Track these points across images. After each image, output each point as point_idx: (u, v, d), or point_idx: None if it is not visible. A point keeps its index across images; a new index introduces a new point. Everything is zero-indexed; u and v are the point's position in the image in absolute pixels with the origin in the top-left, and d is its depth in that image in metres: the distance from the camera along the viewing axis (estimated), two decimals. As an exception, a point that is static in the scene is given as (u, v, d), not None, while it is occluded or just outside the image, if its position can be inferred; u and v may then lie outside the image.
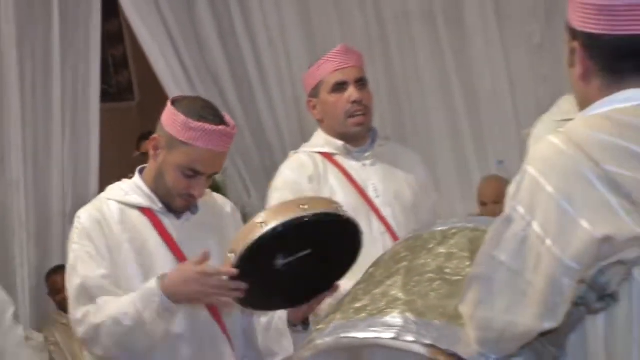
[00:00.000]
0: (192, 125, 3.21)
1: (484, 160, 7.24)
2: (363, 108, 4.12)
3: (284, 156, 4.74)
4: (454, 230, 2.61)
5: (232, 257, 3.04)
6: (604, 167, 1.88)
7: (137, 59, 8.02)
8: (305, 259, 3.12)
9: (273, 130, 7.93)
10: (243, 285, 3.01)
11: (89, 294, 3.20)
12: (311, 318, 3.46)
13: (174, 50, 7.14)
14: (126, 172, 3.72)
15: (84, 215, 3.34)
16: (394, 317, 2.26)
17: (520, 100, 6.70)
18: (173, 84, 7.11)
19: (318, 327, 2.55)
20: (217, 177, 6.42)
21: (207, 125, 3.22)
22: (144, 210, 3.37)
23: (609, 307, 1.90)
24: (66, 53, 6.74)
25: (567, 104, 4.23)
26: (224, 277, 3.03)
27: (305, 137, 7.47)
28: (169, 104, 3.36)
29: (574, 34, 2.09)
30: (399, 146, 4.56)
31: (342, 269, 3.25)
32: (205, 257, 3.10)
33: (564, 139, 1.98)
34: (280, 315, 3.44)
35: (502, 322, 1.97)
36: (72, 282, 3.26)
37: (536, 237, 1.90)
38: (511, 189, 2.04)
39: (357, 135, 4.18)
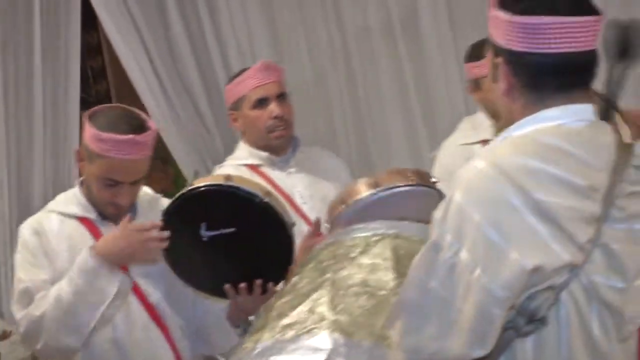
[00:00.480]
0: (102, 137, 3.28)
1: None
2: (284, 122, 4.29)
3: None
4: (375, 238, 2.59)
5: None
6: (531, 194, 1.96)
7: (115, 70, 8.12)
8: (232, 244, 3.26)
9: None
10: (166, 233, 3.15)
11: (31, 297, 3.29)
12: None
13: (149, 61, 7.24)
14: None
15: (25, 228, 3.46)
16: (323, 339, 2.25)
17: (472, 107, 6.43)
18: (148, 93, 7.19)
19: (245, 345, 2.51)
20: (191, 180, 6.62)
21: (115, 136, 3.28)
22: (81, 219, 3.46)
23: (537, 331, 2.02)
24: (47, 63, 6.86)
25: (468, 126, 4.66)
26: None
27: None
28: (86, 117, 3.45)
29: (497, 50, 2.20)
30: (320, 150, 4.72)
31: (277, 270, 3.32)
32: (130, 218, 3.32)
33: (490, 164, 2.04)
34: (219, 316, 3.55)
35: (431, 349, 2.03)
36: (16, 288, 3.36)
37: (465, 266, 1.97)
38: (437, 214, 2.11)
39: (279, 147, 4.34)
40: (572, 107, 2.12)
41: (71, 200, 3.49)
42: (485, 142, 4.53)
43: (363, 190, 2.94)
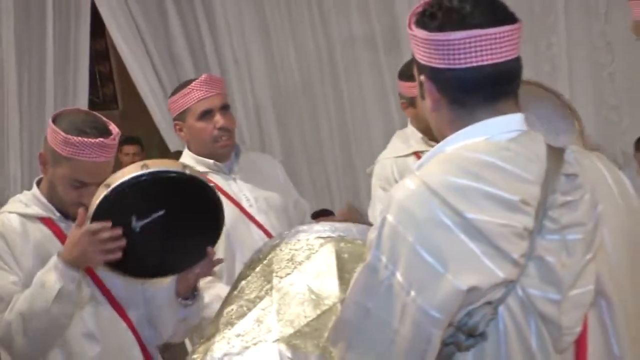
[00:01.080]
0: (71, 140, 3.19)
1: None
2: (228, 133, 4.26)
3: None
4: (320, 241, 2.52)
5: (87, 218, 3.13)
6: (462, 214, 1.87)
7: (121, 74, 8.36)
8: (165, 223, 3.21)
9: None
10: (119, 231, 3.06)
11: (4, 300, 3.20)
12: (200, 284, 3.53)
13: (152, 66, 7.51)
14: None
15: None
16: (270, 351, 2.25)
17: None
18: (150, 95, 7.46)
19: (194, 355, 2.48)
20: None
21: (85, 139, 3.20)
22: (44, 220, 3.37)
23: (477, 345, 1.92)
24: (59, 67, 7.00)
25: (399, 141, 4.71)
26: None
27: (265, 144, 7.96)
28: (50, 121, 3.35)
29: (420, 68, 2.09)
30: (255, 154, 4.79)
31: (212, 234, 3.36)
32: (82, 216, 3.13)
33: (420, 183, 1.93)
34: (168, 296, 3.48)
35: None
36: None
37: (400, 288, 1.88)
38: (371, 234, 2.01)
39: (223, 155, 4.30)
40: (499, 120, 2.03)
41: (31, 201, 3.40)
42: (417, 153, 4.58)
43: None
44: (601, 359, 1.98)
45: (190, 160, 4.19)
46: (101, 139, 3.21)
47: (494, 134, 1.99)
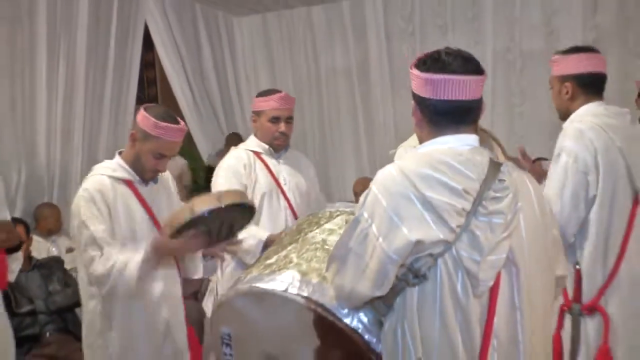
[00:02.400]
0: (160, 125, 3.25)
1: (374, 167, 6.77)
2: (285, 136, 4.26)
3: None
4: (338, 213, 2.64)
5: (174, 227, 3.10)
6: (422, 192, 2.00)
7: (162, 80, 8.31)
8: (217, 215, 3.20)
9: (245, 134, 7.51)
10: (206, 239, 3.17)
11: (95, 243, 3.18)
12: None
13: (185, 77, 7.58)
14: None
15: (90, 186, 3.31)
16: (287, 275, 2.32)
17: (402, 130, 6.67)
18: (183, 99, 7.59)
19: (241, 276, 2.55)
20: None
21: (170, 125, 3.27)
22: (127, 181, 3.36)
23: (421, 283, 2.03)
24: (117, 71, 6.92)
25: (413, 139, 4.27)
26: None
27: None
28: (142, 109, 3.36)
29: (413, 95, 2.19)
30: (300, 154, 4.70)
31: (240, 228, 3.37)
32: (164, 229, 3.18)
33: (398, 169, 2.07)
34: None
35: (349, 288, 2.09)
36: (83, 234, 3.23)
37: (373, 235, 2.02)
38: (361, 199, 2.13)
39: (277, 148, 4.29)
40: (459, 136, 2.13)
41: (117, 167, 3.39)
42: None
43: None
44: (505, 305, 2.06)
45: (254, 143, 4.29)
46: (180, 126, 3.29)
47: (455, 145, 2.11)
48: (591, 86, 3.19)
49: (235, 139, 7.17)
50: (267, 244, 3.46)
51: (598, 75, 3.21)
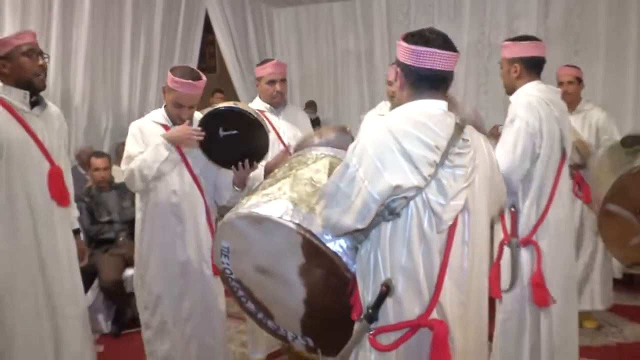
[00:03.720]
0: (175, 80, 3.14)
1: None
2: (281, 95, 4.10)
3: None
4: (322, 155, 2.51)
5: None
6: (402, 144, 1.91)
7: (219, 54, 8.19)
8: (236, 139, 3.15)
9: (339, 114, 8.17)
10: (202, 133, 3.09)
11: (130, 158, 3.20)
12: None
13: (235, 53, 7.37)
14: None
15: (134, 126, 3.31)
16: (281, 203, 2.20)
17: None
18: (232, 69, 7.35)
19: (241, 201, 2.41)
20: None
21: (182, 80, 3.14)
22: (163, 125, 3.29)
23: (394, 219, 1.95)
24: (183, 47, 6.96)
25: (384, 106, 4.53)
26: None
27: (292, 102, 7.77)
28: (169, 71, 3.27)
29: (398, 63, 2.09)
30: (297, 108, 4.60)
31: (259, 156, 3.25)
32: (188, 123, 3.20)
33: (384, 124, 1.97)
34: (228, 181, 3.41)
35: (335, 220, 1.99)
36: (124, 156, 3.26)
37: (360, 178, 1.93)
38: (351, 146, 2.04)
39: (276, 105, 4.12)
40: (433, 101, 2.05)
41: (158, 115, 3.34)
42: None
43: (316, 137, 2.76)
44: (459, 240, 1.99)
45: (258, 103, 4.14)
46: (192, 80, 3.15)
47: (429, 108, 2.02)
48: (534, 67, 3.12)
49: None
50: (266, 171, 3.36)
51: (540, 59, 3.14)
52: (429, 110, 2.02)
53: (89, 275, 4.81)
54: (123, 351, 4.09)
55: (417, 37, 2.03)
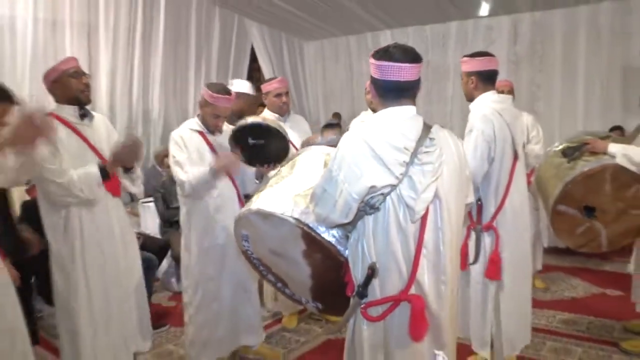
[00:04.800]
0: (213, 95, 2.97)
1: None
2: (286, 105, 3.86)
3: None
4: (318, 154, 2.33)
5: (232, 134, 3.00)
6: (375, 151, 1.79)
7: (262, 79, 7.59)
8: (261, 147, 3.04)
9: (307, 112, 7.99)
10: (240, 159, 2.98)
11: (180, 164, 2.99)
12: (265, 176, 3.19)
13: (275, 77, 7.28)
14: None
15: (176, 134, 3.08)
16: (284, 201, 2.08)
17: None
18: None
19: (254, 196, 2.25)
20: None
21: (219, 95, 2.98)
22: (200, 132, 3.10)
23: (374, 213, 1.85)
24: (234, 72, 7.00)
25: (365, 113, 4.14)
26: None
27: (311, 115, 7.78)
28: (204, 86, 3.10)
29: (371, 77, 1.93)
30: (299, 117, 4.30)
31: (279, 159, 3.07)
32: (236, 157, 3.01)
33: (358, 136, 1.83)
34: (251, 175, 3.28)
35: (324, 215, 1.88)
36: (171, 162, 3.05)
37: (341, 181, 1.81)
38: (333, 153, 1.92)
39: (282, 114, 3.86)
40: (401, 107, 1.89)
41: (196, 123, 3.12)
42: None
43: (319, 136, 2.75)
44: (432, 226, 1.87)
45: (269, 114, 3.89)
46: (227, 96, 3.00)
47: (398, 115, 1.88)
48: (488, 79, 2.93)
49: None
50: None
51: (493, 72, 2.93)
52: (398, 117, 1.87)
53: (164, 249, 4.88)
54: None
55: (382, 53, 1.88)
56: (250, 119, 3.02)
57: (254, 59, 7.30)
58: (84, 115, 2.80)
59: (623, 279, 4.73)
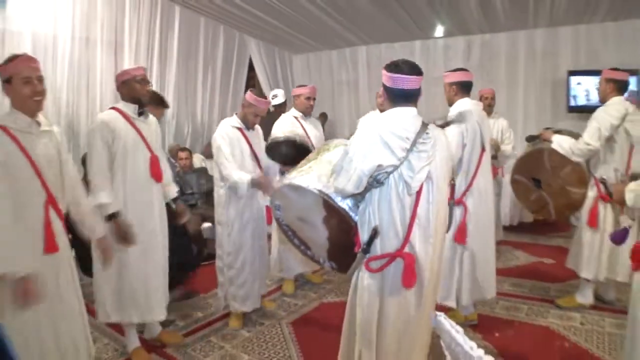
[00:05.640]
0: (257, 99, 3.03)
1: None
2: (311, 107, 3.81)
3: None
4: (340, 145, 2.36)
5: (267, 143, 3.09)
6: (383, 138, 1.84)
7: (258, 86, 7.64)
8: (290, 153, 3.10)
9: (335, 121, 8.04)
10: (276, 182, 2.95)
11: (224, 157, 3.02)
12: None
13: (268, 84, 7.24)
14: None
15: (222, 131, 3.06)
16: (310, 177, 2.13)
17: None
18: (267, 93, 6.67)
19: (287, 175, 2.30)
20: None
21: (260, 99, 3.03)
22: (239, 129, 3.10)
23: (380, 186, 1.90)
24: (235, 79, 6.89)
25: (374, 113, 4.17)
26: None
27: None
28: (249, 90, 3.13)
29: (383, 84, 1.98)
30: (315, 120, 4.17)
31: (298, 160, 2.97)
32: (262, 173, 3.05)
33: (373, 126, 1.87)
34: (274, 167, 3.29)
35: (341, 187, 1.93)
36: (218, 152, 3.04)
37: (355, 160, 1.87)
38: (350, 140, 1.98)
39: (306, 114, 3.81)
40: (406, 109, 1.94)
41: (234, 121, 3.11)
42: None
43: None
44: (424, 200, 1.92)
45: (295, 112, 3.85)
46: (267, 100, 3.05)
47: (403, 114, 1.94)
48: (465, 88, 3.04)
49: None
50: None
51: (469, 82, 3.06)
52: (402, 115, 1.94)
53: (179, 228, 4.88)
54: (201, 276, 4.04)
55: (394, 67, 1.95)
56: (292, 136, 3.15)
57: (251, 68, 7.26)
58: (141, 113, 2.80)
59: (555, 250, 5.02)
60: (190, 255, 3.81)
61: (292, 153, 3.12)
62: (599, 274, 3.24)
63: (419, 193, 1.91)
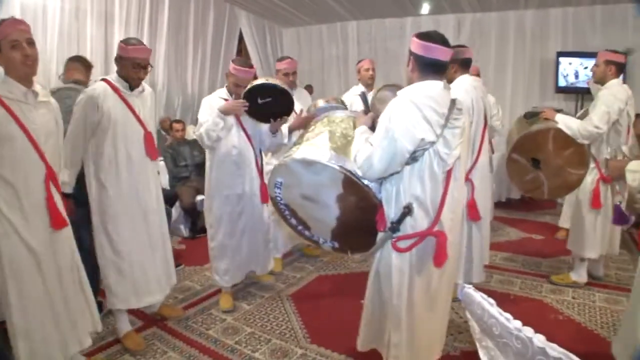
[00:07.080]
0: (237, 67, 2.92)
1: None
2: (293, 82, 3.62)
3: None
4: (347, 116, 2.26)
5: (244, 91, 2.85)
6: (423, 112, 1.78)
7: (246, 56, 7.45)
8: (270, 102, 2.92)
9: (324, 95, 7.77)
10: (246, 103, 2.84)
11: (200, 124, 2.94)
12: (279, 131, 3.11)
13: (258, 57, 7.14)
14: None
15: (206, 100, 3.01)
16: (325, 152, 2.03)
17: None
18: (257, 65, 7.03)
19: (292, 149, 2.17)
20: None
21: (241, 68, 2.93)
22: (225, 99, 3.01)
23: (413, 163, 1.84)
24: (226, 50, 6.71)
25: (357, 88, 4.04)
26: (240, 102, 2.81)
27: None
28: (231, 61, 3.02)
29: (411, 52, 1.89)
30: (302, 89, 4.07)
31: (287, 112, 2.99)
32: (238, 100, 2.87)
33: (409, 100, 1.81)
34: (266, 131, 3.12)
35: (384, 168, 1.84)
36: (199, 121, 2.98)
37: (397, 137, 1.79)
38: (383, 117, 1.85)
39: (291, 86, 3.53)
40: (437, 82, 1.87)
41: (222, 92, 3.04)
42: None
43: (321, 100, 2.73)
44: (453, 178, 1.90)
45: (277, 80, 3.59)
46: (247, 68, 2.94)
47: (435, 87, 1.85)
48: (465, 65, 2.95)
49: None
50: (290, 129, 3.17)
51: (469, 59, 2.98)
52: (435, 88, 1.85)
53: (173, 199, 4.80)
54: (197, 248, 4.00)
55: (425, 36, 1.86)
56: (257, 81, 2.90)
57: (241, 40, 7.11)
58: (135, 87, 2.64)
59: (544, 226, 5.10)
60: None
61: (276, 103, 2.95)
62: (601, 252, 3.27)
63: (450, 171, 1.87)
